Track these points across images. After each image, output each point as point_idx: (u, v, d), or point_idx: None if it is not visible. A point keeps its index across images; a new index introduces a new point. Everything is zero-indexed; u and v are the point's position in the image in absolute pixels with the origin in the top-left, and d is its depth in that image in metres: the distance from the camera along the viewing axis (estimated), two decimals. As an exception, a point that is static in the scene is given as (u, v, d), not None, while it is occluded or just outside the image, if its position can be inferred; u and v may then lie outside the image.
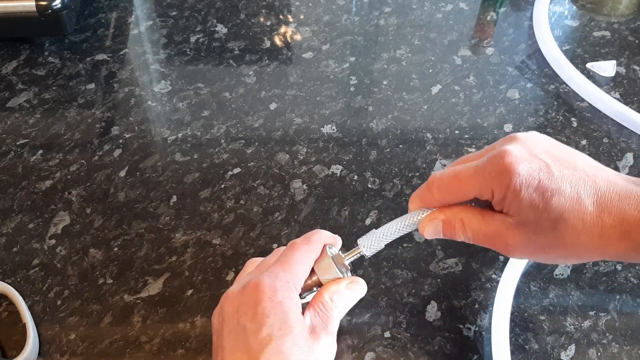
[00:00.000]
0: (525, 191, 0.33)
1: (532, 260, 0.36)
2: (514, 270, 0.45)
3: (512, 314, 0.45)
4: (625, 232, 0.33)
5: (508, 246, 0.35)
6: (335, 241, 0.41)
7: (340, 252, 0.40)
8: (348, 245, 0.49)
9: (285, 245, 0.49)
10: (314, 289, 0.39)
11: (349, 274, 0.40)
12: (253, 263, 0.41)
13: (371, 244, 0.39)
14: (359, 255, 0.40)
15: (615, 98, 0.60)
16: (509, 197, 0.34)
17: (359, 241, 0.40)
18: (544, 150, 0.35)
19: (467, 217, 0.36)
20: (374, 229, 0.40)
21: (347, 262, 0.40)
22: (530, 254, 0.36)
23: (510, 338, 0.43)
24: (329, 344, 0.36)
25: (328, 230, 0.50)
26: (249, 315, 0.34)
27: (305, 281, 0.38)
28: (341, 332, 0.38)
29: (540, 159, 0.34)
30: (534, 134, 0.37)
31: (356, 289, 0.39)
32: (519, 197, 0.33)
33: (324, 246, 0.40)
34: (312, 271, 0.39)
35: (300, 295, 0.37)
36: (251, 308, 0.35)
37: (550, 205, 0.33)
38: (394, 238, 0.39)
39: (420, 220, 0.38)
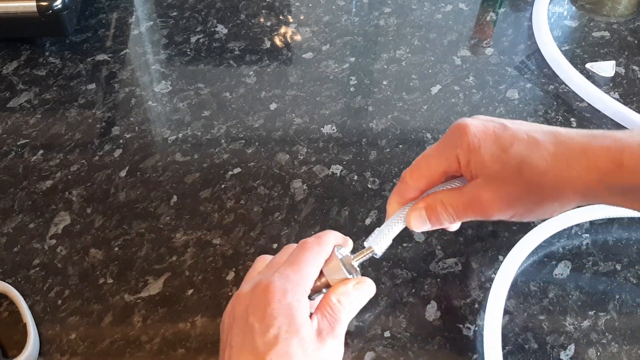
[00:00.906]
0: (484, 145, 0.36)
1: (517, 219, 0.36)
2: (509, 269, 0.46)
3: (511, 313, 0.45)
4: (591, 161, 0.34)
5: (485, 205, 0.36)
6: (346, 242, 0.41)
7: (349, 254, 0.40)
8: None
9: (286, 243, 0.49)
10: (323, 290, 0.39)
11: (358, 275, 0.39)
12: (263, 260, 0.41)
13: (379, 241, 0.40)
14: (368, 256, 0.40)
15: (614, 98, 0.60)
16: (472, 157, 0.36)
17: (367, 243, 0.40)
18: (497, 119, 0.38)
19: (446, 196, 0.38)
20: (377, 228, 0.40)
21: (355, 264, 0.40)
22: (509, 208, 0.36)
23: (510, 338, 0.43)
24: (335, 347, 0.36)
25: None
26: (258, 316, 0.35)
27: (314, 282, 0.38)
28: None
29: (493, 122, 0.37)
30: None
31: (364, 289, 0.39)
32: (480, 152, 0.36)
33: (334, 247, 0.40)
34: (321, 272, 0.39)
35: (309, 296, 0.37)
36: (260, 309, 0.35)
37: (509, 153, 0.35)
38: (398, 231, 0.40)
39: (405, 215, 0.39)
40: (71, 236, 0.50)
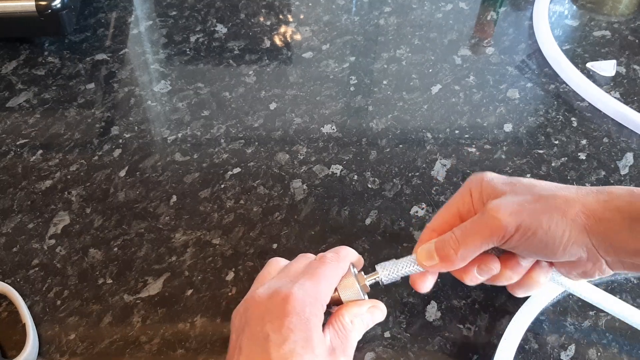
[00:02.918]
0: (498, 179, 0.39)
1: (521, 236, 0.35)
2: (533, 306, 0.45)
3: (511, 314, 0.45)
4: (599, 190, 0.36)
5: (491, 213, 0.36)
6: (360, 261, 0.41)
7: (362, 273, 0.40)
8: (348, 243, 0.49)
9: (286, 243, 0.49)
10: (332, 307, 0.39)
11: (367, 296, 0.39)
12: (276, 263, 0.41)
13: (390, 273, 0.40)
14: (374, 280, 0.40)
15: (615, 98, 0.60)
16: (485, 185, 0.39)
17: (378, 267, 0.40)
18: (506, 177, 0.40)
19: (456, 227, 0.38)
20: (394, 259, 0.40)
21: (367, 284, 0.40)
22: (515, 213, 0.35)
23: (510, 338, 0.43)
24: None
25: (328, 230, 0.50)
26: (275, 326, 0.34)
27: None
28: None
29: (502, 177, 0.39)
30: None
31: (376, 314, 0.39)
32: (493, 182, 0.38)
33: (350, 265, 0.39)
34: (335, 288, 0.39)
35: None
36: (278, 319, 0.34)
37: (522, 180, 0.38)
38: (410, 271, 0.40)
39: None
40: (70, 236, 0.50)
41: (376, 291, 0.46)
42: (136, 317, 0.45)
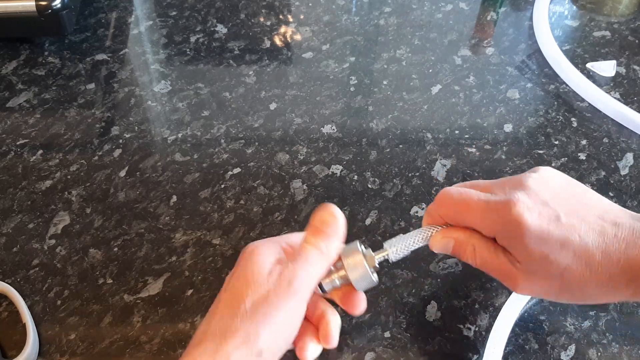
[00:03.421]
0: (535, 245, 0.34)
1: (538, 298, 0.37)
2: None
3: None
4: (632, 278, 0.33)
5: (516, 286, 0.36)
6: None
7: (370, 250, 0.38)
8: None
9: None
10: (335, 280, 0.37)
11: (376, 275, 0.38)
12: None
13: (397, 250, 0.38)
14: (383, 258, 0.38)
15: (615, 98, 0.60)
16: (518, 247, 0.35)
17: (386, 244, 0.39)
18: (555, 194, 0.35)
19: (479, 245, 0.37)
20: (401, 234, 0.39)
21: (376, 262, 0.38)
22: (538, 295, 0.37)
23: (510, 338, 0.43)
24: (298, 284, 0.33)
25: (328, 230, 0.50)
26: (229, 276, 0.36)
27: (330, 271, 0.37)
28: (341, 332, 0.38)
29: (550, 208, 0.35)
30: (548, 172, 0.37)
31: (329, 222, 0.37)
32: (528, 249, 0.34)
33: (356, 242, 0.38)
34: (339, 262, 0.37)
35: (320, 286, 0.37)
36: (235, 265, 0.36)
37: (558, 257, 0.34)
38: (416, 247, 0.39)
39: (432, 235, 0.38)
40: (70, 236, 0.50)
41: (376, 291, 0.46)
42: (136, 317, 0.45)
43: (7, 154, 0.56)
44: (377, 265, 0.38)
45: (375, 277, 0.38)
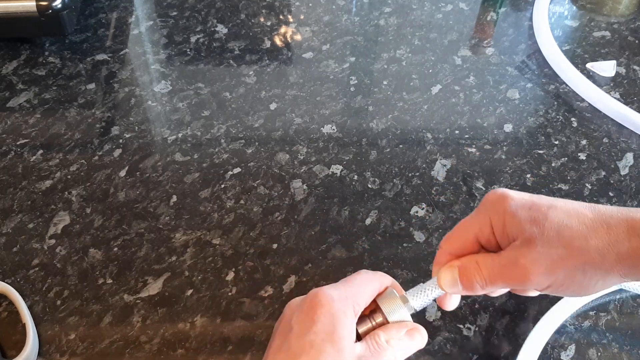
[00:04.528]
0: (522, 210, 0.35)
1: (554, 289, 0.35)
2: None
3: (512, 314, 0.45)
4: (631, 227, 0.33)
5: (522, 269, 0.34)
6: (395, 286, 0.40)
7: (404, 294, 0.39)
8: (348, 243, 0.49)
9: (286, 243, 0.49)
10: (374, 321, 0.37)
11: (410, 317, 0.38)
12: None
13: (419, 300, 0.38)
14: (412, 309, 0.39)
15: (615, 98, 0.60)
16: (508, 220, 0.35)
17: (407, 295, 0.39)
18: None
19: (481, 258, 0.36)
20: (420, 284, 0.39)
21: (417, 307, 0.38)
22: (549, 273, 0.34)
23: (510, 338, 0.43)
24: None
25: (328, 230, 0.50)
26: (299, 319, 0.34)
27: (367, 320, 0.37)
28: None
29: (529, 194, 0.36)
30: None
31: (416, 338, 0.37)
32: (516, 215, 0.35)
33: (389, 287, 0.38)
34: (377, 309, 0.37)
35: (359, 335, 0.36)
36: (304, 312, 0.34)
37: (549, 216, 0.34)
38: (437, 296, 0.39)
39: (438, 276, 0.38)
40: (70, 236, 0.50)
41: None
42: (136, 317, 0.45)
43: (7, 153, 0.56)
44: (413, 307, 0.39)
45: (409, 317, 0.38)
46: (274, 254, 0.48)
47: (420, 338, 0.37)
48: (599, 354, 0.43)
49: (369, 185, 0.53)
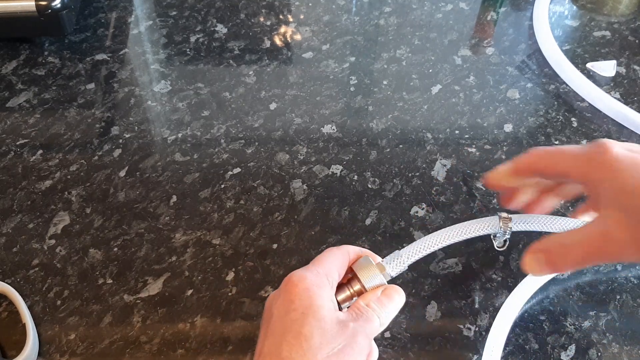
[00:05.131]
0: (628, 173, 0.32)
1: None
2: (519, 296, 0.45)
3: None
4: None
5: (617, 246, 0.32)
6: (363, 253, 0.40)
7: (380, 261, 0.39)
8: (348, 243, 0.49)
9: (286, 243, 0.49)
10: (354, 299, 0.38)
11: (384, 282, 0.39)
12: None
13: (394, 264, 0.39)
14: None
15: (615, 98, 0.60)
16: (609, 181, 0.32)
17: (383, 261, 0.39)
18: None
19: (567, 237, 0.35)
20: (397, 250, 0.39)
21: (392, 273, 0.39)
22: None
23: (510, 338, 0.43)
24: (362, 340, 0.34)
25: (328, 230, 0.50)
26: (279, 303, 0.35)
27: (346, 288, 0.38)
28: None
29: None
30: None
31: (394, 297, 0.38)
32: (621, 178, 0.32)
33: (363, 256, 0.39)
34: (355, 279, 0.38)
35: (339, 305, 0.37)
36: (282, 297, 0.35)
37: None
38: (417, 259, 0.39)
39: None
40: (70, 236, 0.50)
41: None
42: (136, 317, 0.45)
43: (7, 154, 0.56)
44: (389, 274, 0.39)
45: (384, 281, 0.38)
46: (274, 254, 0.48)
47: (397, 297, 0.38)
48: (599, 354, 0.43)
49: (369, 186, 0.53)
